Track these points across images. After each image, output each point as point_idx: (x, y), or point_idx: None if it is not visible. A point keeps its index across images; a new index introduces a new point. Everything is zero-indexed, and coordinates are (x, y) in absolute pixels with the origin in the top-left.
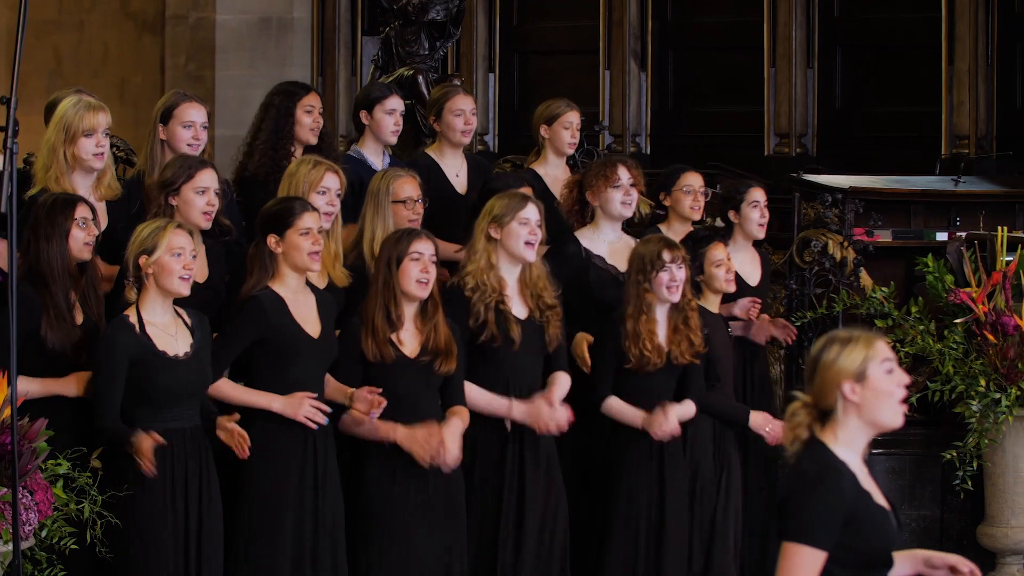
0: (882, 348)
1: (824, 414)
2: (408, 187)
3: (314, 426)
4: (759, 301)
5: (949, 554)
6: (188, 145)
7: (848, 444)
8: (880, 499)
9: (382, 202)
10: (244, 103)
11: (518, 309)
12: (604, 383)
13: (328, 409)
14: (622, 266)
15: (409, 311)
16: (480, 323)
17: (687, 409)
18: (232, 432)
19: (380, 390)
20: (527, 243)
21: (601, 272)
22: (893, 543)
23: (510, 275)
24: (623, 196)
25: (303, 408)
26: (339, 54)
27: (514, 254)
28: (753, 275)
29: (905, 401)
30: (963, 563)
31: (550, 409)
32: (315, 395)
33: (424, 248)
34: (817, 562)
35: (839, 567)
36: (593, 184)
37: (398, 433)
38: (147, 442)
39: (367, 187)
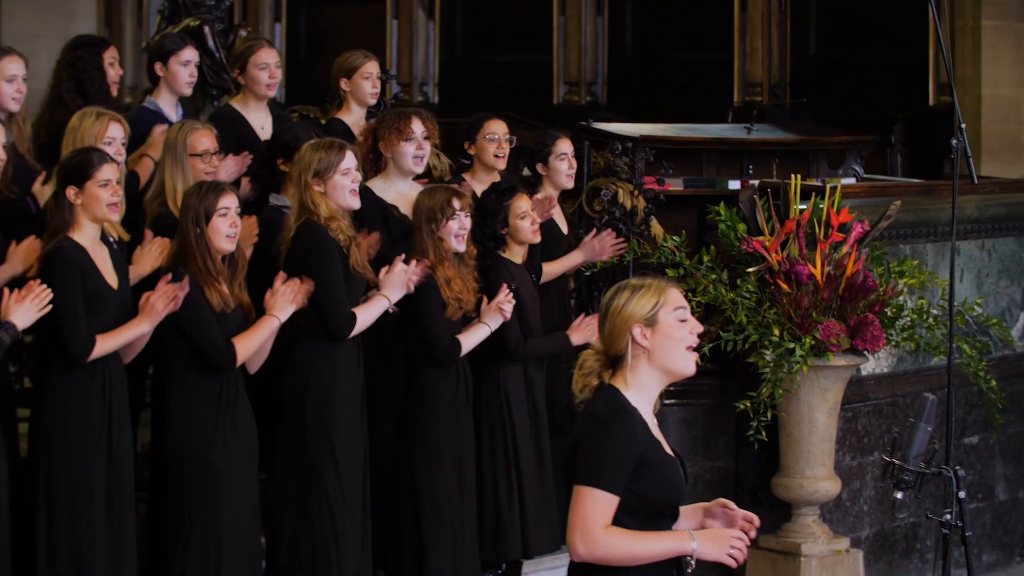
0: (675, 296)
1: (615, 361)
2: (205, 140)
3: (176, 305)
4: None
5: (719, 499)
6: (12, 99)
7: (639, 391)
8: (668, 450)
9: (180, 155)
10: (30, 56)
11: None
12: (445, 332)
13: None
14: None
15: (220, 264)
16: (361, 267)
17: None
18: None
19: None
20: (352, 192)
21: (396, 221)
22: (681, 495)
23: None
24: (415, 150)
25: (157, 303)
26: (125, 5)
27: (341, 205)
28: (564, 225)
29: (697, 350)
30: (732, 505)
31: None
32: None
33: (230, 202)
34: (608, 505)
35: (626, 515)
36: (386, 136)
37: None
38: None
39: None
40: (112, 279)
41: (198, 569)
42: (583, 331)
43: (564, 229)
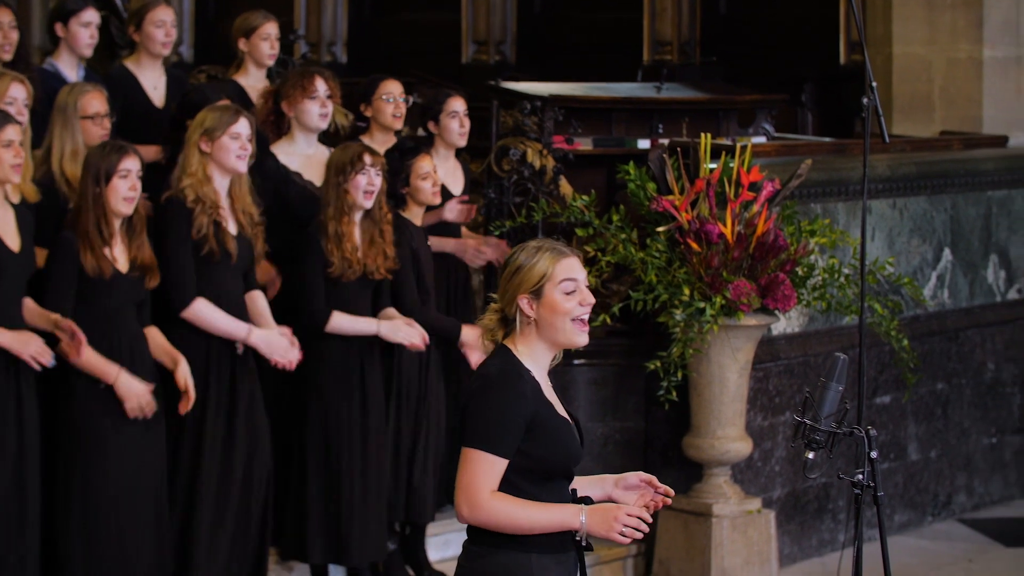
0: (564, 267)
1: (508, 322)
2: (96, 102)
3: (38, 367)
4: (467, 199)
5: (643, 473)
6: None
7: (531, 354)
8: (563, 411)
9: (70, 118)
10: None
11: (230, 224)
12: (319, 298)
13: (51, 352)
14: (318, 180)
15: (116, 226)
16: (202, 235)
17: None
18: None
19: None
20: (238, 157)
21: (298, 188)
22: (573, 456)
23: (222, 189)
24: (320, 108)
25: (31, 347)
26: None
27: (226, 167)
28: (456, 185)
29: (588, 321)
30: (656, 481)
31: (288, 343)
32: (42, 339)
33: (132, 165)
34: (495, 468)
35: (519, 476)
36: (290, 95)
37: (119, 381)
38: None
39: None
40: (12, 241)
41: (79, 535)
42: (475, 336)
43: (457, 191)
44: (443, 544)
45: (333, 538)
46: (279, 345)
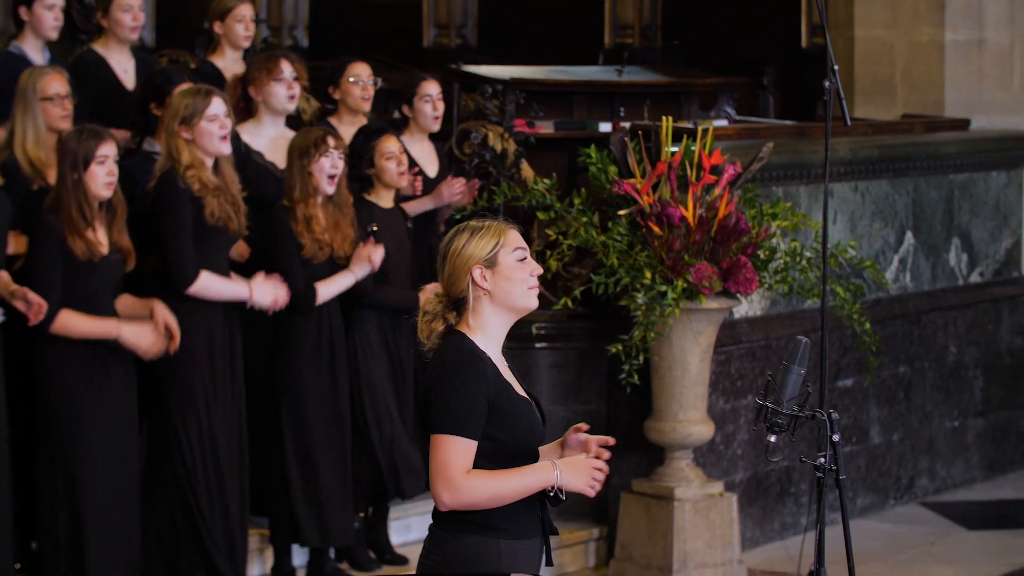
0: (514, 237)
1: (458, 304)
2: (55, 84)
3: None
4: (463, 181)
5: (575, 425)
6: None
7: (485, 333)
8: (521, 391)
9: (31, 101)
10: None
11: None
12: (300, 278)
13: None
14: (281, 161)
15: (96, 209)
16: (217, 217)
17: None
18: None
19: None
20: (221, 139)
21: (259, 168)
22: (536, 436)
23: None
24: (287, 90)
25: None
26: None
27: (209, 152)
28: (431, 167)
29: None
30: (584, 426)
31: (272, 285)
32: None
33: (109, 150)
34: (467, 451)
35: (484, 460)
36: (256, 78)
37: (123, 331)
38: None
39: None
40: None
41: (66, 518)
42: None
43: (432, 173)
44: (404, 528)
45: (295, 520)
46: (270, 290)
